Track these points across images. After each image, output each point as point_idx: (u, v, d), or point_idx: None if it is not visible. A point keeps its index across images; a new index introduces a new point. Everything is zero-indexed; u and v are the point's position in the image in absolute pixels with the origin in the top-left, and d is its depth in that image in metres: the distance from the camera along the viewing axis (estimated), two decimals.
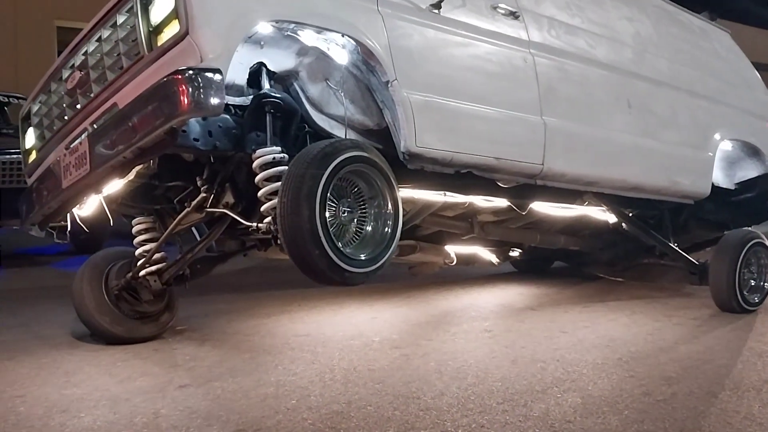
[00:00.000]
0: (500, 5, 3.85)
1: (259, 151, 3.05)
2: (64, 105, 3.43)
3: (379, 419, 2.49)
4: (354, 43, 3.20)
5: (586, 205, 4.58)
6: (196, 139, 2.96)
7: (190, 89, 2.63)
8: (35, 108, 3.77)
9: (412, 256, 4.41)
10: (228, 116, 3.11)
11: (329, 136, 3.39)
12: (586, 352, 3.47)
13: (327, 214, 2.83)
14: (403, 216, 3.84)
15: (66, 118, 3.41)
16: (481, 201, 4.10)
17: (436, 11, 3.52)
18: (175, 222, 3.50)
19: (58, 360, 3.30)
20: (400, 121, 3.25)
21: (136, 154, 2.85)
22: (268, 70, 3.22)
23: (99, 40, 3.19)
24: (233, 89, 3.22)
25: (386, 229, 3.10)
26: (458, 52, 3.61)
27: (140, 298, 3.68)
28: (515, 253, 5.49)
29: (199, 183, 3.34)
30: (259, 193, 3.03)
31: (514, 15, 3.91)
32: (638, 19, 4.85)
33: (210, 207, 3.31)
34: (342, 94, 3.36)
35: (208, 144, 3.01)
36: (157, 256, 3.62)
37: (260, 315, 4.36)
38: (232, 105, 3.20)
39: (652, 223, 5.14)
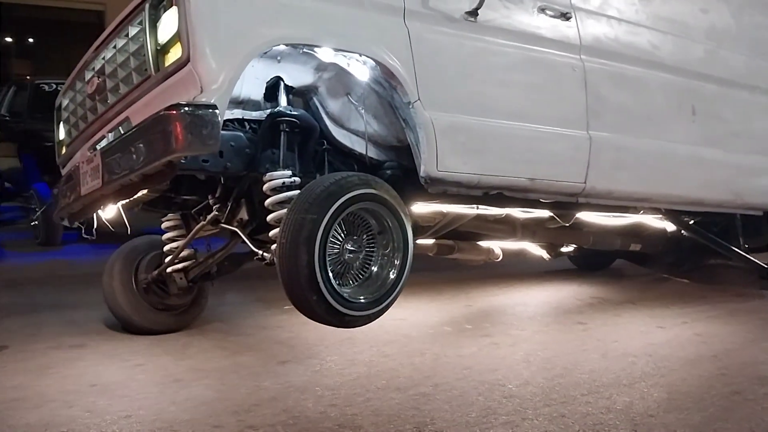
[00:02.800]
0: (549, 6, 3.52)
1: (268, 175, 2.97)
2: (87, 107, 3.39)
3: (462, 403, 2.61)
4: (373, 61, 3.02)
5: (641, 213, 4.31)
6: (205, 161, 2.91)
7: (184, 128, 2.56)
8: (65, 103, 3.74)
9: (450, 255, 4.22)
10: (242, 134, 3.08)
11: (350, 152, 3.35)
12: (680, 348, 3.44)
13: (328, 256, 2.73)
14: (433, 226, 3.72)
15: (88, 120, 3.38)
16: (519, 213, 3.90)
17: (473, 19, 3.25)
18: (192, 232, 3.47)
19: (176, 333, 3.64)
20: (421, 144, 3.06)
21: (141, 178, 2.82)
22: (286, 84, 3.14)
23: (115, 48, 3.11)
24: (249, 104, 3.20)
25: (393, 269, 2.95)
26: (494, 64, 3.35)
27: (169, 291, 3.67)
28: (569, 248, 5.21)
29: (210, 201, 3.29)
30: (269, 218, 2.96)
31: (564, 16, 3.57)
32: (715, 9, 4.39)
33: (225, 222, 3.25)
34: (363, 110, 3.24)
35: (218, 165, 2.96)
36: (184, 253, 3.59)
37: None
38: (248, 120, 3.18)
39: (716, 230, 4.75)
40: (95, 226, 3.60)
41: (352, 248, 2.89)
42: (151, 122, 2.70)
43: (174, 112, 2.58)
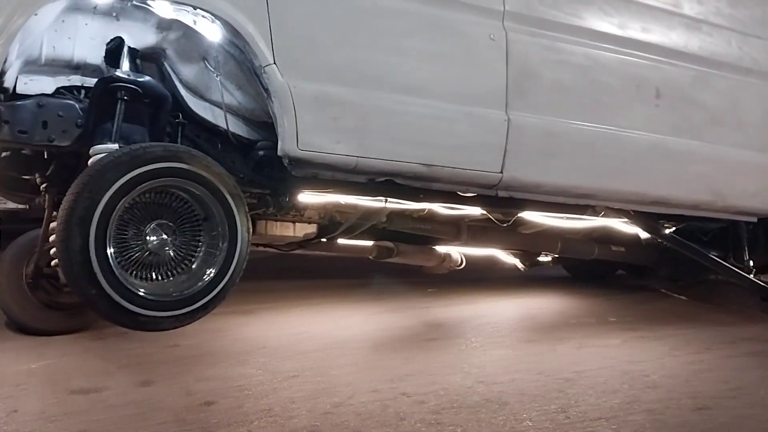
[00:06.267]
0: None
1: (93, 149, 2.56)
2: None
3: (606, 390, 2.67)
4: (214, 17, 2.62)
5: (602, 215, 3.71)
6: (22, 132, 2.57)
7: None
8: None
9: (391, 259, 3.75)
10: (75, 104, 2.69)
11: (214, 127, 2.93)
12: None
13: (119, 242, 2.40)
14: (343, 223, 3.36)
15: None
16: (442, 209, 3.48)
17: None
18: (45, 219, 2.94)
19: (336, 306, 3.94)
20: (278, 117, 2.67)
21: None
22: (130, 47, 2.76)
23: None
24: (87, 69, 2.81)
25: (215, 262, 2.57)
26: (384, 28, 2.91)
27: (60, 288, 3.15)
28: (547, 258, 4.67)
29: (38, 180, 2.88)
30: None
31: None
32: None
33: None
34: (219, 77, 2.83)
35: (39, 137, 2.59)
36: None
37: (511, 293, 4.68)
38: (88, 88, 2.77)
39: (706, 239, 4.24)
40: None
41: (161, 236, 2.52)
42: None
43: None
